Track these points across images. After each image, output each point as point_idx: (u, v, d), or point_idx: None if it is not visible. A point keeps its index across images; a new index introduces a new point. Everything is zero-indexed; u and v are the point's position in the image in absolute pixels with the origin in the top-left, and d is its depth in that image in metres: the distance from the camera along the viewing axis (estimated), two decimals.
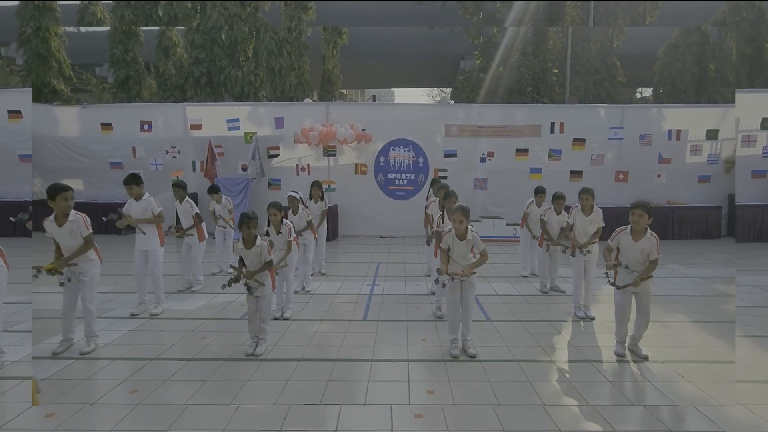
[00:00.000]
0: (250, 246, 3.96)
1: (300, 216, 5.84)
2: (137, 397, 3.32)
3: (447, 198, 4.90)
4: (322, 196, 6.80)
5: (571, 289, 5.45)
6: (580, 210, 5.08)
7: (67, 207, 3.91)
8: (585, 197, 5.02)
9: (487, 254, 3.97)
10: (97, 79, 17.83)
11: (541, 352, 4.16)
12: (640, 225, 3.80)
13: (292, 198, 5.85)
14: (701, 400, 3.31)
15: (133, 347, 4.24)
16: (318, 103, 12.24)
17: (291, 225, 4.94)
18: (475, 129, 10.48)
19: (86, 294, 4.06)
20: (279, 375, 3.68)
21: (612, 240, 3.97)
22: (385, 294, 6.04)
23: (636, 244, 3.82)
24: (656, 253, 3.80)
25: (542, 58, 15.33)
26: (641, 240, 3.81)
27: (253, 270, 3.96)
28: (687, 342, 4.41)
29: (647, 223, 3.81)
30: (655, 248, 3.80)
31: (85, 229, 3.96)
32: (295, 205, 5.84)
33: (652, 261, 3.82)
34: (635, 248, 3.83)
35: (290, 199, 5.85)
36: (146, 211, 5.02)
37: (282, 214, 4.74)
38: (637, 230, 3.83)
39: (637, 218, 3.78)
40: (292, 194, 5.89)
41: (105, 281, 6.39)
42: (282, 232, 4.74)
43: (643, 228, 3.82)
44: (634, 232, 3.84)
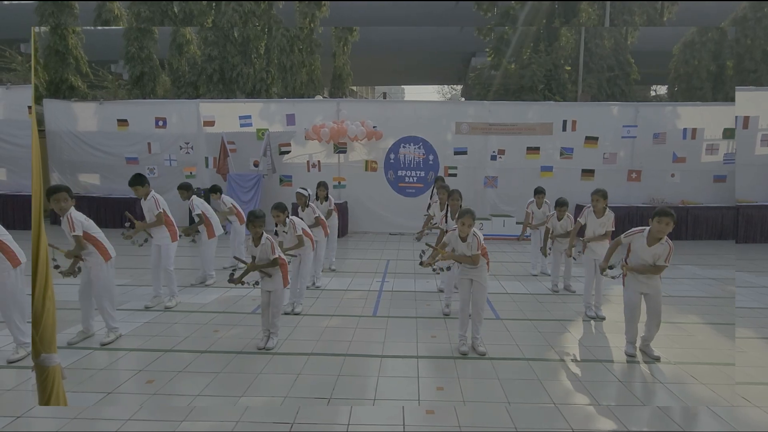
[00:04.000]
0: (257, 243, 4.05)
1: (308, 213, 5.91)
2: (152, 388, 3.40)
3: (451, 196, 4.90)
4: (327, 196, 6.78)
5: (582, 289, 5.43)
6: (592, 211, 5.02)
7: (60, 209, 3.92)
8: (596, 198, 4.91)
9: (478, 260, 3.91)
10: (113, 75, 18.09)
11: (551, 351, 4.16)
12: (663, 233, 3.69)
13: (300, 194, 5.92)
14: (713, 401, 3.29)
15: (148, 339, 4.34)
16: (329, 100, 12.28)
17: (297, 220, 5.01)
18: (485, 126, 10.43)
19: (96, 291, 4.19)
20: (290, 369, 3.74)
21: (626, 237, 3.90)
22: (394, 290, 6.07)
23: (649, 248, 3.76)
24: (666, 261, 3.74)
25: (554, 55, 15.18)
26: (656, 245, 3.75)
27: (260, 264, 4.05)
28: (700, 343, 4.37)
29: (668, 232, 3.71)
30: (666, 255, 3.73)
31: (69, 230, 3.97)
32: (303, 201, 5.90)
33: (659, 266, 3.76)
34: (647, 252, 3.77)
35: (298, 195, 5.92)
36: (152, 209, 5.10)
37: (285, 214, 4.78)
38: (657, 237, 3.72)
39: (664, 227, 3.65)
40: (300, 191, 5.95)
41: (121, 274, 6.54)
42: (287, 230, 4.82)
43: (663, 237, 3.72)
44: (651, 238, 3.75)
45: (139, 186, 5.03)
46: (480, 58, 19.87)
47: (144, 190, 5.04)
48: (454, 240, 4.00)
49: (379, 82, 34.47)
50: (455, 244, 4.00)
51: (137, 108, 10.93)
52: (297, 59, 14.95)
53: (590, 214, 5.02)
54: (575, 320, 5.00)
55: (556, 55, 15.22)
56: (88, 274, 4.19)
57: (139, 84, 14.46)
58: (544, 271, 6.93)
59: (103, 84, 15.67)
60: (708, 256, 8.40)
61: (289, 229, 4.84)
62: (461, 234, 3.94)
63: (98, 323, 4.39)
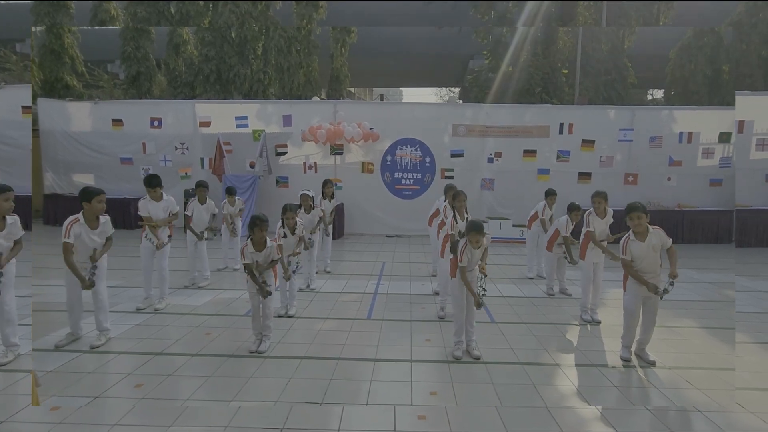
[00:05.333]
0: (261, 248, 3.99)
1: (313, 215, 5.87)
2: (141, 392, 3.34)
3: (456, 197, 4.86)
4: (333, 194, 6.83)
5: (578, 293, 5.39)
6: (594, 214, 5.01)
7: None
8: (598, 200, 4.97)
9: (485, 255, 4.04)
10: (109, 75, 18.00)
11: (546, 355, 4.12)
12: (642, 227, 3.80)
13: (306, 196, 5.87)
14: (707, 406, 3.26)
15: (138, 341, 4.27)
16: (326, 101, 12.25)
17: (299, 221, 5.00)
18: (482, 129, 10.41)
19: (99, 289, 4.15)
20: (282, 373, 3.69)
21: (625, 254, 3.86)
22: (389, 293, 6.03)
23: (644, 244, 3.79)
24: (668, 239, 3.81)
25: (552, 59, 15.20)
26: (648, 237, 3.79)
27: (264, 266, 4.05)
28: (696, 348, 4.35)
29: (647, 222, 3.81)
30: (664, 236, 3.82)
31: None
32: (307, 203, 5.85)
33: (670, 249, 3.81)
34: (647, 249, 3.79)
35: (303, 197, 5.87)
36: (166, 210, 5.09)
37: (297, 215, 4.81)
38: (640, 232, 3.81)
39: (637, 221, 3.79)
40: (305, 192, 5.90)
41: (112, 275, 6.47)
42: (296, 233, 4.84)
43: (645, 228, 3.81)
44: (638, 235, 3.82)
45: (158, 187, 5.05)
46: (477, 61, 19.90)
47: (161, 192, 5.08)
48: (470, 254, 3.92)
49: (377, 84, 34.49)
50: (470, 257, 3.93)
51: (132, 108, 10.86)
52: (294, 60, 14.93)
53: (594, 218, 5.01)
54: (571, 324, 4.97)
55: (553, 58, 15.25)
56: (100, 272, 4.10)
57: (136, 84, 14.40)
58: (540, 274, 6.90)
59: (99, 84, 15.58)
60: (705, 260, 8.39)
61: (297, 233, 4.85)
62: (476, 247, 3.92)
63: (86, 325, 4.32)
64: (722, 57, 14.91)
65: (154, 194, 5.04)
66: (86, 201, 3.92)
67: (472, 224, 3.90)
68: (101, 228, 4.03)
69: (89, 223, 3.97)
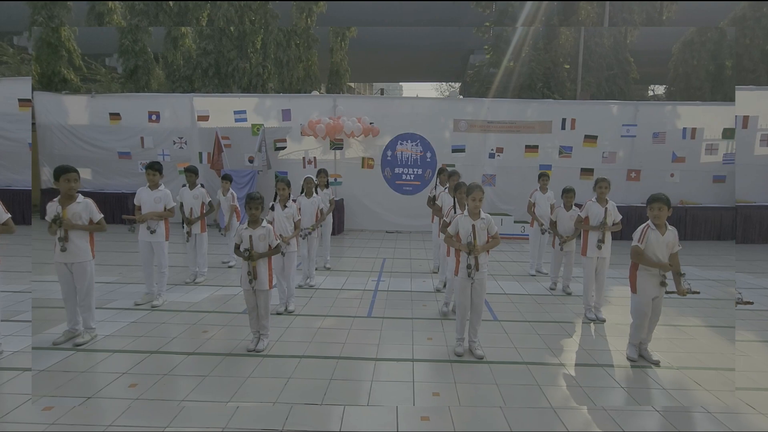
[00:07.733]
0: (255, 227, 3.90)
1: (312, 201, 5.76)
2: (135, 392, 3.26)
3: (458, 189, 4.77)
4: (327, 183, 6.64)
5: (580, 290, 5.31)
6: (596, 201, 4.95)
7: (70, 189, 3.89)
8: (605, 185, 4.93)
9: (499, 239, 3.93)
10: (107, 69, 17.83)
11: (550, 355, 4.05)
12: (661, 219, 3.73)
13: (310, 179, 5.79)
14: (713, 405, 3.19)
15: (133, 339, 4.19)
16: (325, 95, 12.11)
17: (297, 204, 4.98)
18: (484, 124, 10.31)
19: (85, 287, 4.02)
20: (280, 372, 3.61)
21: (641, 241, 3.77)
22: (390, 290, 5.95)
23: (663, 237, 3.74)
24: (679, 244, 3.77)
25: (554, 54, 15.07)
26: (666, 233, 3.75)
27: (260, 252, 3.89)
28: (701, 347, 4.27)
29: (667, 216, 3.75)
30: (677, 240, 3.78)
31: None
32: (309, 187, 5.77)
33: (675, 254, 3.76)
34: (662, 242, 3.74)
35: (307, 180, 5.79)
36: (160, 201, 4.96)
37: (290, 190, 4.76)
38: (660, 224, 3.75)
39: (657, 212, 3.72)
40: (310, 177, 5.84)
41: (110, 271, 6.39)
42: (288, 206, 4.79)
43: (664, 222, 3.75)
44: (658, 227, 3.76)
45: (158, 172, 4.97)
46: (478, 56, 19.74)
47: (159, 178, 5.00)
48: (463, 223, 3.82)
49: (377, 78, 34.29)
50: (466, 227, 3.80)
51: (130, 102, 10.73)
52: (294, 54, 14.78)
53: (593, 204, 4.95)
54: (575, 322, 4.90)
55: (555, 53, 15.11)
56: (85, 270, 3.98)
57: (133, 78, 14.24)
58: (539, 270, 6.83)
59: (97, 77, 15.41)
60: (708, 257, 8.32)
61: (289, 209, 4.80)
62: (474, 211, 3.81)
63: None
64: (725, 52, 14.79)
65: (152, 178, 4.94)
66: (56, 180, 3.89)
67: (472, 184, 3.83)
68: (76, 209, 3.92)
69: (62, 201, 3.90)
